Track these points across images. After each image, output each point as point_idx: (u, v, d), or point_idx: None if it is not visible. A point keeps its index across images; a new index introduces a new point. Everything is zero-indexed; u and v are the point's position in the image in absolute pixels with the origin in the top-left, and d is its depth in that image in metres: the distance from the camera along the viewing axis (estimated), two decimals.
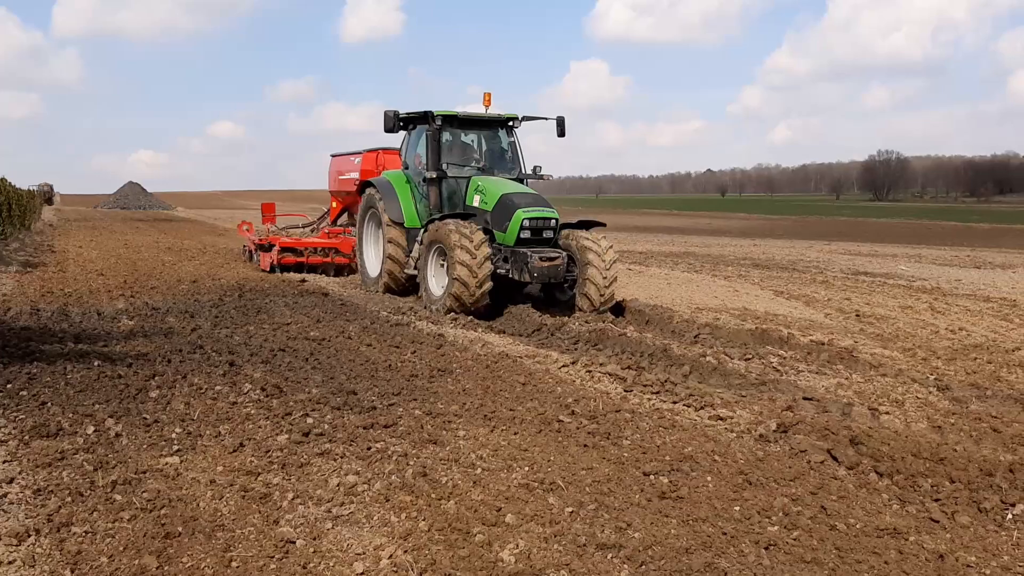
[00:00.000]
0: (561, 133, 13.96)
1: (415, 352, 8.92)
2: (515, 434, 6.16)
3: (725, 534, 4.48)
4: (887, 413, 7.01)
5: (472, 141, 14.09)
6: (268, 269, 16.93)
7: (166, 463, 5.21)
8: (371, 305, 12.45)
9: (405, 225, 13.51)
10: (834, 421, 6.55)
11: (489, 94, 13.64)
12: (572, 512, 4.73)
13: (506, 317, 11.86)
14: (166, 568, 3.86)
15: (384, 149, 17.47)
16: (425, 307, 12.25)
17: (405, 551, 4.11)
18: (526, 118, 13.93)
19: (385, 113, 13.46)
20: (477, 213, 12.61)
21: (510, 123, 14.01)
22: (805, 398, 7.35)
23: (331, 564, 3.99)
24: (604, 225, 13.04)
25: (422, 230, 13.06)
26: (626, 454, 5.79)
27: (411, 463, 5.40)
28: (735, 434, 6.38)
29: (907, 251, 29.18)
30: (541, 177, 13.99)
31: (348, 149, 19.19)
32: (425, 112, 13.24)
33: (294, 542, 4.19)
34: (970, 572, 4.10)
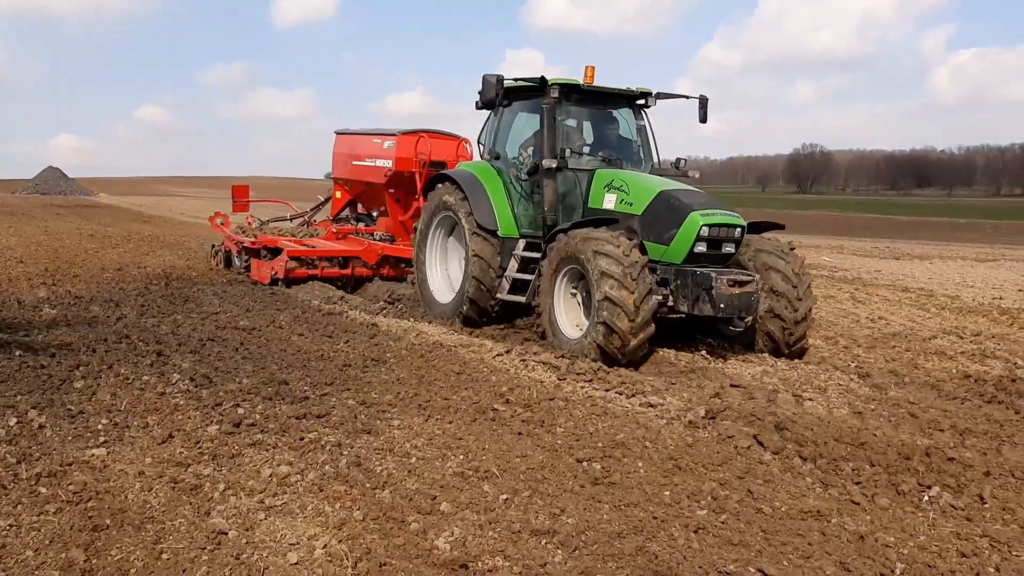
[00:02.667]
0: (703, 117, 10.78)
1: (348, 342, 8.87)
2: (450, 423, 6.18)
3: (656, 518, 4.58)
4: (810, 400, 7.22)
5: (591, 123, 10.72)
6: (268, 282, 13.09)
7: (92, 455, 5.09)
8: (302, 294, 12.29)
9: (499, 234, 10.16)
10: (760, 407, 6.72)
11: (592, 67, 9.98)
12: (507, 499, 4.78)
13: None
14: (94, 561, 3.79)
15: (427, 132, 13.85)
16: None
17: (340, 541, 4.10)
18: (661, 95, 10.62)
19: (485, 79, 9.79)
20: (618, 219, 9.15)
21: (642, 101, 10.67)
22: (732, 385, 7.53)
23: (265, 555, 3.96)
24: (782, 227, 9.97)
25: (519, 241, 10.13)
26: (560, 441, 5.86)
27: (345, 453, 5.38)
28: (665, 421, 6.50)
29: (830, 242, 29.96)
30: (685, 174, 10.41)
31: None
32: (538, 79, 9.86)
33: (226, 533, 4.15)
34: (888, 552, 4.26)
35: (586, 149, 10.25)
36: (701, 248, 8.66)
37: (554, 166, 9.57)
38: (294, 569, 3.85)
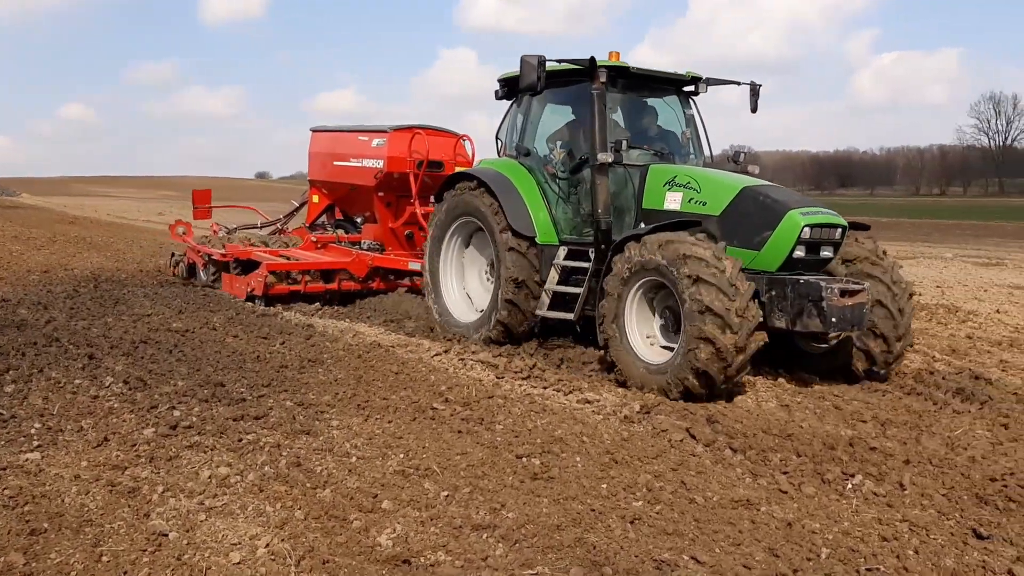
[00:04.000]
0: (755, 106, 9.74)
1: (284, 343, 8.83)
2: (389, 422, 6.23)
3: (593, 511, 4.70)
4: (740, 393, 7.45)
5: (637, 112, 9.49)
6: (243, 297, 11.78)
7: (26, 459, 5.01)
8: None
9: (538, 241, 8.97)
10: (692, 402, 6.92)
11: (618, 53, 8.88)
12: (447, 496, 4.85)
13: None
14: (34, 565, 3.75)
15: (421, 127, 12.46)
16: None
17: (282, 540, 4.13)
18: (711, 81, 9.49)
19: (524, 61, 8.32)
20: (700, 221, 7.94)
21: (691, 87, 9.55)
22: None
23: (207, 555, 3.97)
24: (867, 227, 8.51)
25: (559, 249, 8.89)
26: (499, 438, 5.95)
27: (284, 454, 5.39)
28: (602, 416, 6.64)
29: None
30: (745, 169, 9.26)
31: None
32: (587, 61, 8.47)
33: (167, 535, 4.14)
34: (814, 537, 4.45)
35: (645, 142, 9.16)
36: (800, 253, 7.52)
37: (609, 161, 8.34)
38: (237, 568, 3.87)
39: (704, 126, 9.55)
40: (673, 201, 8.22)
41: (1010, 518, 4.77)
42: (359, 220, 13.69)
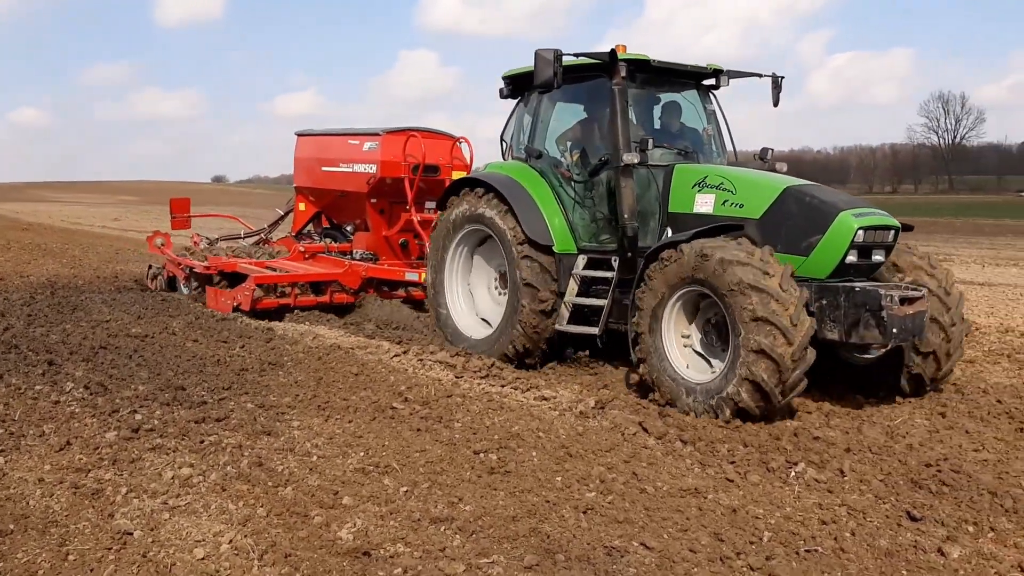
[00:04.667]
0: (777, 100, 9.13)
1: (244, 346, 8.90)
2: (349, 422, 6.36)
3: (548, 502, 4.88)
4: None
5: (656, 108, 8.93)
6: (229, 311, 10.97)
7: None
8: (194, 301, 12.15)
9: (555, 250, 8.37)
10: (645, 397, 7.14)
11: (624, 47, 8.10)
12: (407, 491, 5.00)
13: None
14: (1, 564, 3.84)
15: (416, 130, 11.81)
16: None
17: (245, 536, 4.25)
18: (732, 74, 8.93)
19: (539, 56, 7.74)
20: (742, 226, 7.31)
21: (710, 81, 8.94)
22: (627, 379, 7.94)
23: (171, 551, 4.08)
24: (911, 228, 8.05)
25: (578, 258, 8.36)
26: (457, 435, 6.10)
27: (246, 454, 5.50)
28: (558, 412, 6.83)
29: None
30: (773, 168, 8.56)
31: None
32: (607, 54, 7.91)
33: (131, 533, 4.25)
34: (757, 522, 4.67)
35: (664, 140, 8.55)
36: (852, 258, 6.95)
37: (636, 161, 7.76)
38: (201, 564, 3.98)
39: (727, 122, 8.96)
40: (704, 204, 7.62)
41: (942, 500, 5.04)
42: (349, 229, 13.03)
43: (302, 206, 13.32)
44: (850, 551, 4.32)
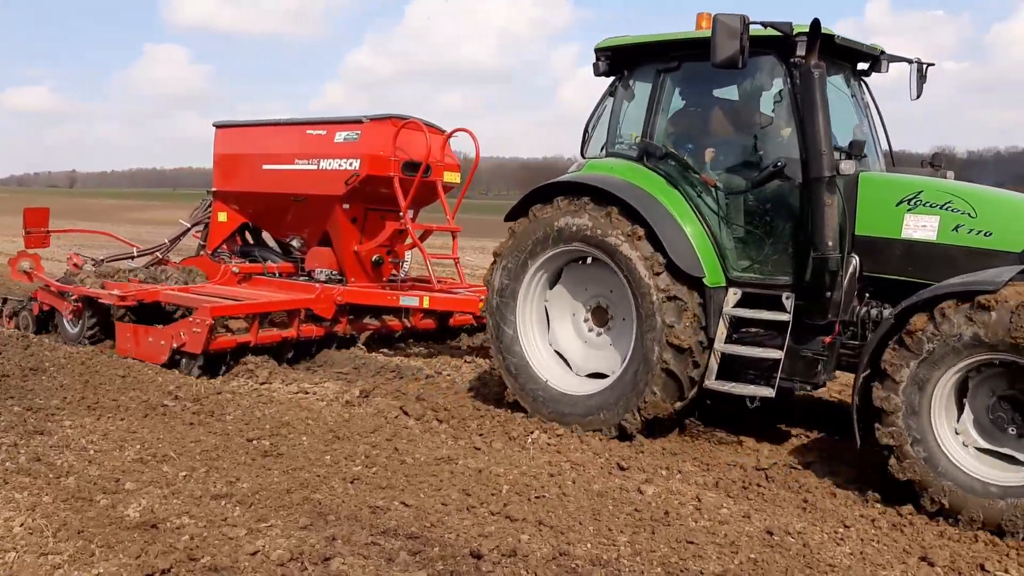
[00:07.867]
0: (919, 92, 7.31)
1: (1, 354, 8.76)
2: (122, 420, 6.63)
3: (319, 476, 5.51)
4: (439, 374, 8.61)
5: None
6: (164, 360, 8.43)
7: None
8: None
9: (706, 283, 6.41)
10: (405, 385, 7.92)
11: (708, 14, 6.49)
12: (186, 475, 5.44)
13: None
14: None
15: (401, 119, 9.64)
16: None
17: (35, 519, 4.56)
18: (893, 57, 7.17)
19: (719, 22, 5.78)
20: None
21: (866, 65, 7.15)
22: (391, 370, 8.66)
23: None
24: None
25: (727, 293, 6.50)
26: (231, 427, 6.57)
27: (22, 452, 5.70)
28: (326, 403, 7.44)
29: (473, 243, 32.49)
30: (944, 175, 6.63)
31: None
32: (788, 26, 5.90)
33: None
34: (498, 479, 5.55)
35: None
36: None
37: (852, 172, 6.07)
38: None
39: (882, 116, 7.23)
40: (923, 228, 5.96)
41: (642, 453, 6.20)
42: (295, 243, 10.63)
43: (223, 216, 10.63)
44: (570, 494, 5.30)
